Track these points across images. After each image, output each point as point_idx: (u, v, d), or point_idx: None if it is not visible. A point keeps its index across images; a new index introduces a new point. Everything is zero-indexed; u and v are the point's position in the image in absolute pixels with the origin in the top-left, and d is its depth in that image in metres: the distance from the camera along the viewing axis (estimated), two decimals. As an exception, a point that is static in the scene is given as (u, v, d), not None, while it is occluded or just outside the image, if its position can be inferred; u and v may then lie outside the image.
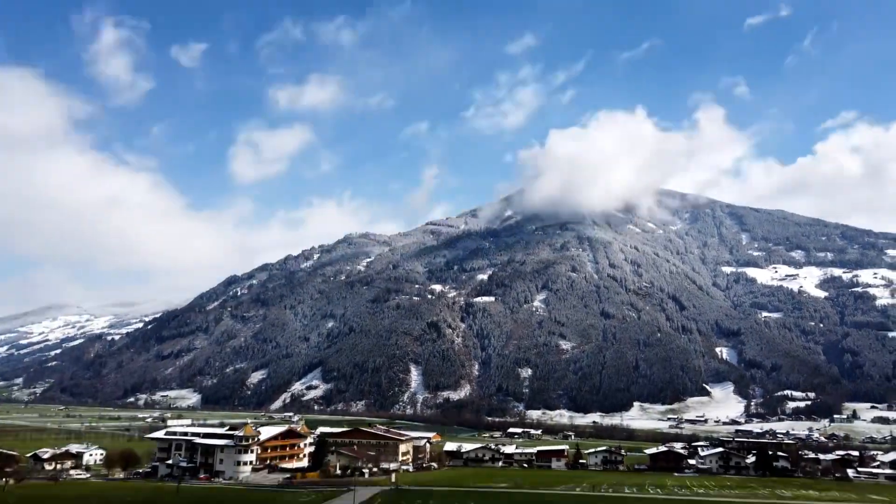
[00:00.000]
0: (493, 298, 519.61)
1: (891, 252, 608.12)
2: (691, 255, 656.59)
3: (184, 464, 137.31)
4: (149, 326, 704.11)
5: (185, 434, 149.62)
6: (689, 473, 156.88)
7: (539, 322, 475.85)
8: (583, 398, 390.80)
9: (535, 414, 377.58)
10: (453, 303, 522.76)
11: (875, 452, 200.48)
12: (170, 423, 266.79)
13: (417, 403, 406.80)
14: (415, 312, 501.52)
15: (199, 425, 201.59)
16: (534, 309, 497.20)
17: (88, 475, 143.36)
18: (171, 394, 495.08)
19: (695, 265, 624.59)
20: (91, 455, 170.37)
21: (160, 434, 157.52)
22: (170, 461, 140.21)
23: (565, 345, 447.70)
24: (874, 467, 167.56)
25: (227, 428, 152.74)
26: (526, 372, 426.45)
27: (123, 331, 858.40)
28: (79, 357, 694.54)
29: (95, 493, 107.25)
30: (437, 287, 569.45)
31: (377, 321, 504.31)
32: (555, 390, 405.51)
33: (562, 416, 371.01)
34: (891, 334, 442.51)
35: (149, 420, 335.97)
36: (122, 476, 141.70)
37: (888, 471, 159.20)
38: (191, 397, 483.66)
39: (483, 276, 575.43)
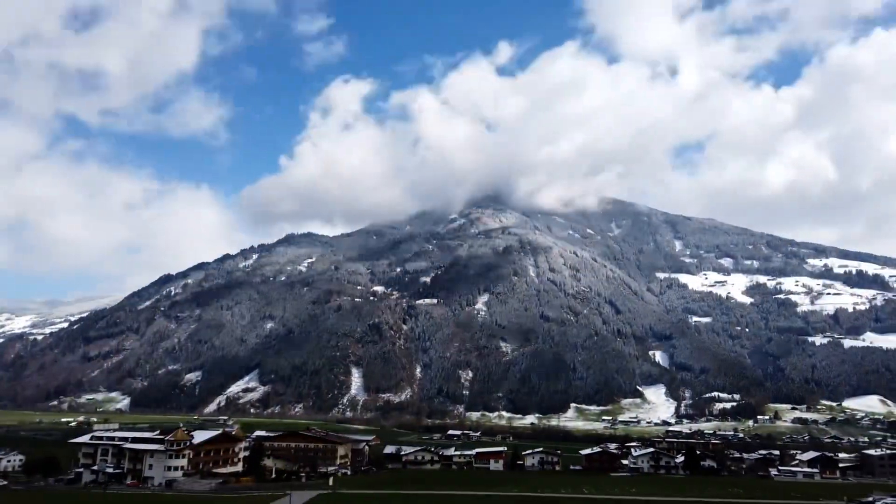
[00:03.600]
0: (435, 301, 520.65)
1: (811, 261, 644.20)
2: (627, 261, 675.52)
3: (110, 470, 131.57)
4: (75, 326, 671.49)
5: (113, 438, 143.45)
6: (623, 473, 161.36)
7: (480, 325, 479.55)
8: (521, 400, 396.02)
9: (474, 416, 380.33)
10: (396, 305, 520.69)
11: (795, 452, 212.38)
12: (96, 426, 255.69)
13: (357, 406, 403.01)
14: (356, 314, 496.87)
15: (128, 429, 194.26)
16: (475, 312, 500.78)
17: (6, 482, 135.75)
18: (99, 396, 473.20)
19: (631, 271, 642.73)
20: (9, 461, 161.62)
21: (85, 438, 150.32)
22: (95, 467, 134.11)
23: (505, 347, 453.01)
24: (794, 466, 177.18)
25: (157, 432, 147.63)
26: (467, 374, 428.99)
27: (47, 331, 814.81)
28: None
29: None
30: (380, 289, 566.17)
31: (318, 323, 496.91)
32: (494, 392, 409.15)
33: (501, 418, 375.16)
34: (810, 339, 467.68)
35: (73, 424, 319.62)
36: (42, 483, 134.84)
37: (806, 469, 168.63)
38: (120, 400, 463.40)
39: (426, 279, 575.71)
